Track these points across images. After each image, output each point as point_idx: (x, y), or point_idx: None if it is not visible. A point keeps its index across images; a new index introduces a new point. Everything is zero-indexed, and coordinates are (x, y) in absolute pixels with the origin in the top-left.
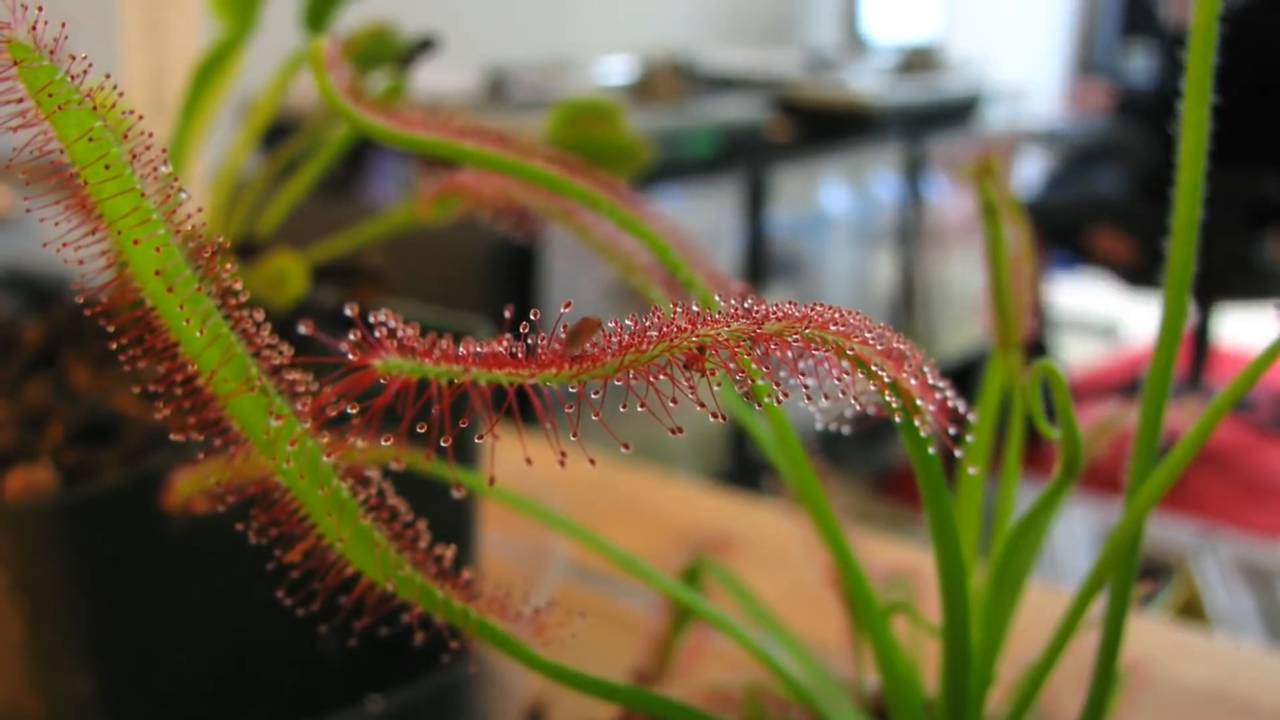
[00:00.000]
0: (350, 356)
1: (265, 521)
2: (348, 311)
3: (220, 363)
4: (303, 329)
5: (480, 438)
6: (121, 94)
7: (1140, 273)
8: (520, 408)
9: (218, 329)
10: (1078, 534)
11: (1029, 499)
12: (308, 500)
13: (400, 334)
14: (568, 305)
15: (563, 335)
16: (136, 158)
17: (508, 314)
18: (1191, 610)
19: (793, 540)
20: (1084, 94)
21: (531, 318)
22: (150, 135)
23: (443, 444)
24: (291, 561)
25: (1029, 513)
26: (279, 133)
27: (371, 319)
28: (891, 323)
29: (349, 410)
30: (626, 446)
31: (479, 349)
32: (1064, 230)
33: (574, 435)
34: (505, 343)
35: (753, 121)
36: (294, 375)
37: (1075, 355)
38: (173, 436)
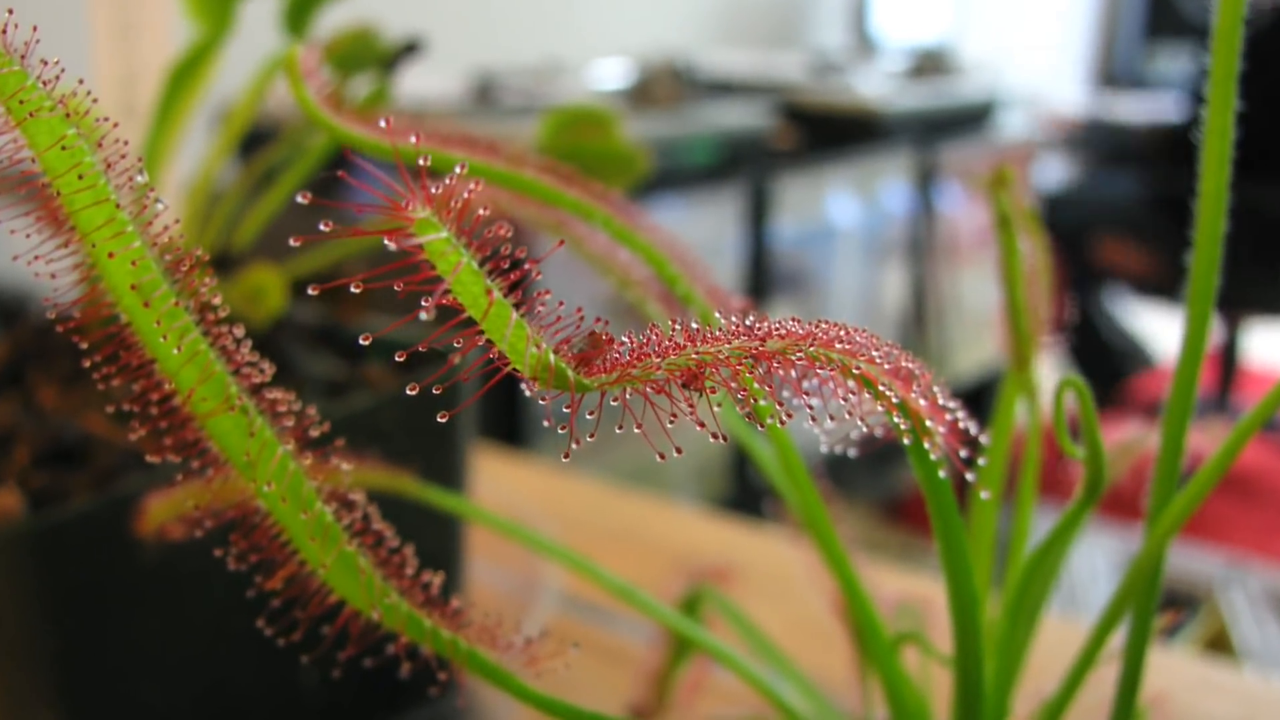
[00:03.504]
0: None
1: (244, 547)
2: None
3: (198, 381)
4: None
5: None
6: (95, 100)
7: (1155, 284)
8: (511, 429)
9: (196, 346)
10: (1097, 562)
11: (1045, 525)
12: (289, 525)
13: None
14: (579, 311)
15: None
16: (111, 167)
17: None
18: (1218, 644)
19: (797, 569)
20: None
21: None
22: (125, 143)
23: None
24: (272, 589)
25: (1046, 539)
26: (256, 140)
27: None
28: (901, 340)
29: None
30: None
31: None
32: (1068, 239)
33: (565, 457)
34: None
35: (755, 128)
36: (275, 394)
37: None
38: (147, 458)
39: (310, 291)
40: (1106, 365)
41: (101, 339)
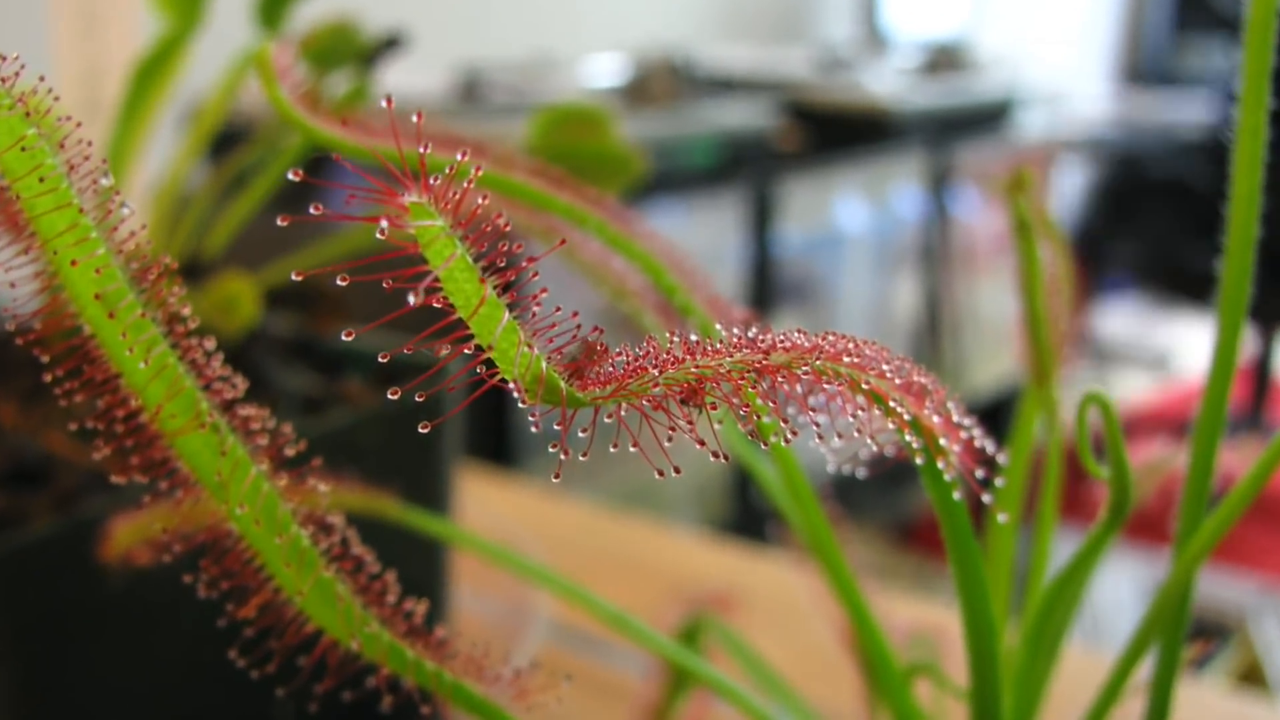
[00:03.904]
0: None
1: (215, 573)
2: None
3: (166, 396)
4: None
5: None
6: (57, 98)
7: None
8: (499, 448)
9: (164, 359)
10: (1121, 589)
11: (1067, 550)
12: (263, 549)
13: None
14: (574, 315)
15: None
16: (74, 169)
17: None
18: (1251, 677)
19: (802, 596)
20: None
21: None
22: (89, 144)
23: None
24: (245, 618)
25: (1068, 565)
26: (228, 140)
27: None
28: (913, 354)
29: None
30: None
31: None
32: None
33: (556, 477)
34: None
35: (758, 128)
36: (248, 410)
37: (1120, 389)
38: (112, 479)
39: (294, 277)
40: None
41: (64, 352)
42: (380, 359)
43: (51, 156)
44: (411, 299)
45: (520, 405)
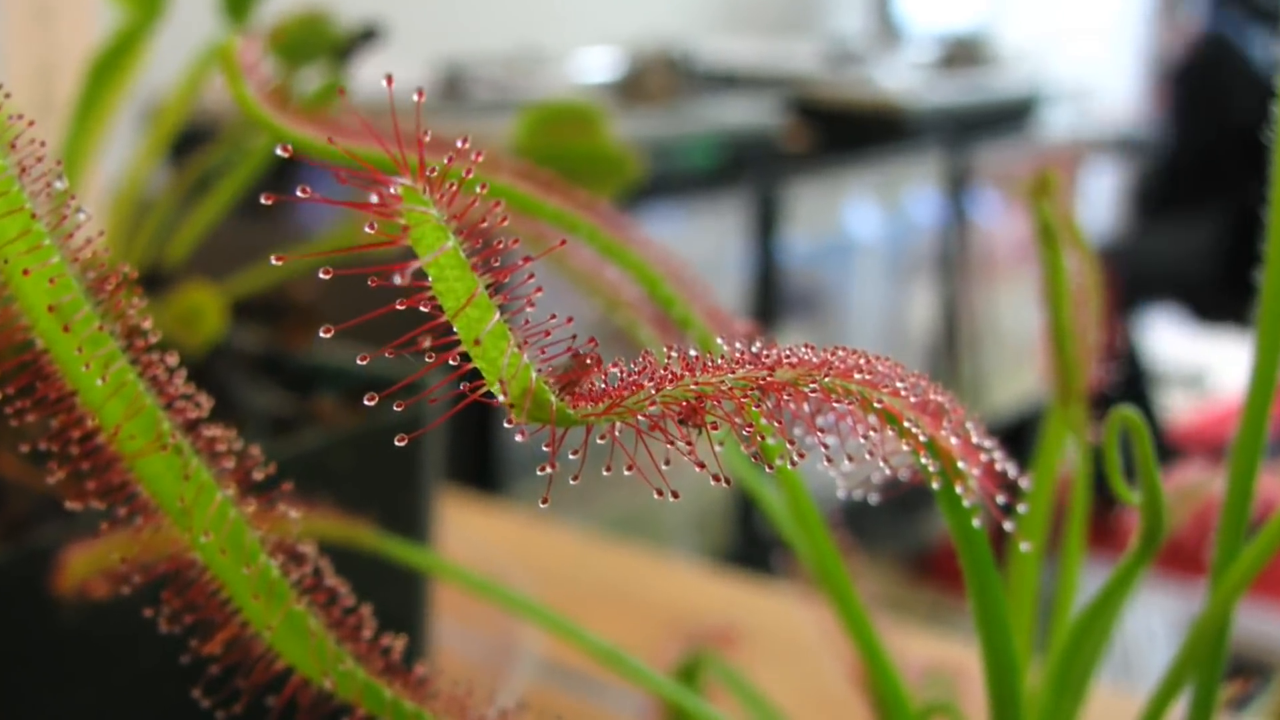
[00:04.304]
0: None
1: (178, 606)
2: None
3: (125, 416)
4: None
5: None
6: (8, 95)
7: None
8: (483, 471)
9: (122, 376)
10: (1154, 624)
11: (1095, 582)
12: (230, 581)
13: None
14: (569, 321)
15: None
16: (26, 171)
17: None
18: None
19: (810, 632)
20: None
21: None
22: (42, 144)
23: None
24: (210, 654)
25: (1096, 598)
26: (191, 141)
27: None
28: (930, 370)
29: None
30: None
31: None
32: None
33: (544, 502)
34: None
35: (762, 127)
36: (213, 431)
37: (1153, 408)
38: (66, 504)
39: (274, 261)
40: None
41: (14, 368)
42: (359, 360)
43: (1, 158)
44: (398, 279)
45: (506, 424)
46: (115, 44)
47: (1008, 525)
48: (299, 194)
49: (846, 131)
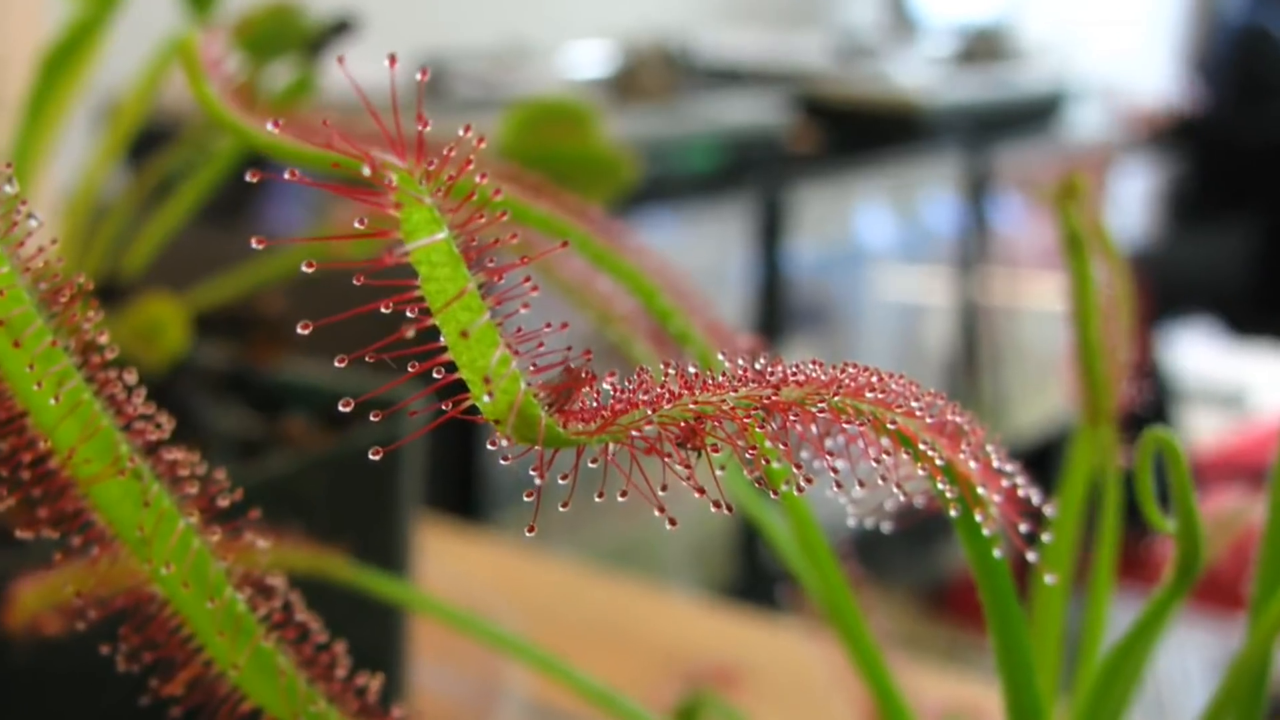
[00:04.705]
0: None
1: (138, 644)
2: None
3: (81, 438)
4: None
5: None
6: None
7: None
8: (466, 498)
9: (77, 395)
10: (1189, 663)
11: (1126, 617)
12: (193, 616)
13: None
14: (565, 326)
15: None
16: None
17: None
18: None
19: (818, 671)
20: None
21: None
22: None
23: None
24: (172, 695)
25: (1127, 635)
26: (150, 142)
27: None
28: (947, 389)
29: None
30: None
31: None
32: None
33: (530, 531)
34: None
35: (767, 127)
36: (175, 454)
37: (1189, 429)
38: (17, 533)
39: (255, 245)
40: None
41: None
42: (337, 361)
43: None
44: (393, 248)
45: (490, 446)
46: (69, 37)
47: (1031, 556)
48: (287, 176)
49: (857, 131)
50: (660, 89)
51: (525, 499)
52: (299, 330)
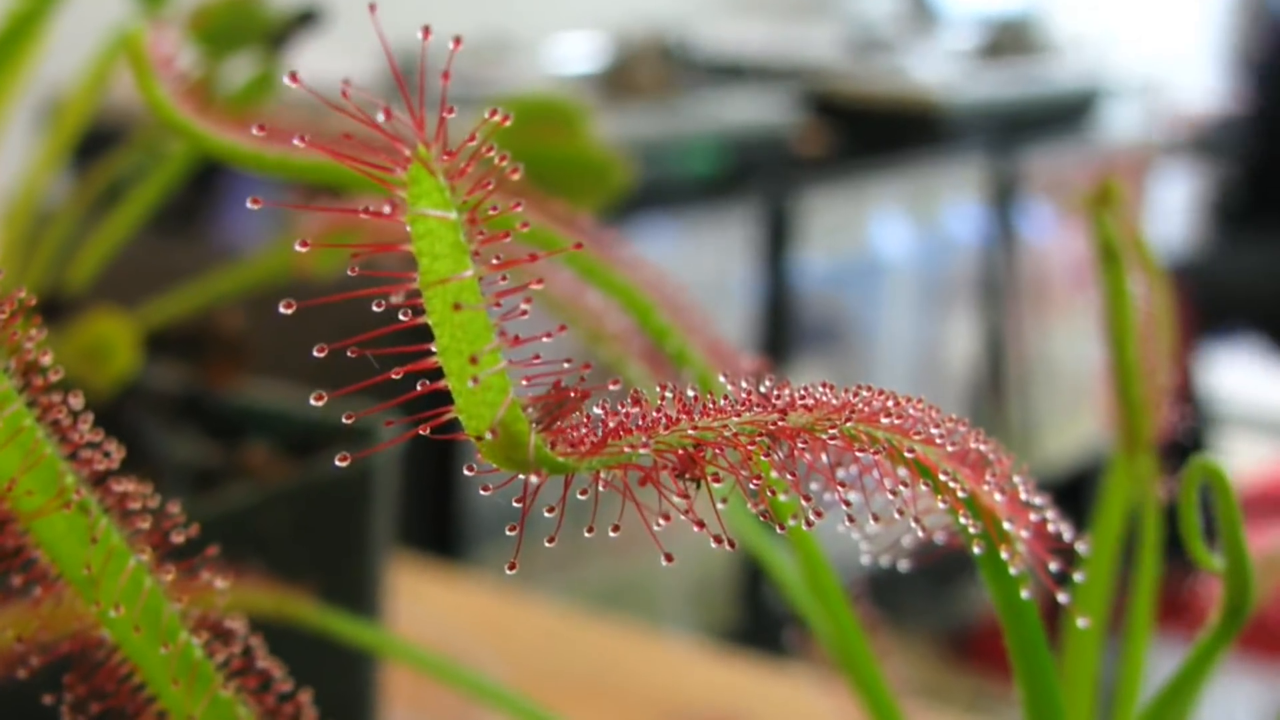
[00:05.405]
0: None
1: (84, 693)
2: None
3: (22, 468)
4: None
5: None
6: None
7: None
8: (443, 535)
9: (18, 421)
10: (1237, 713)
11: (1167, 664)
12: (144, 663)
13: None
14: (562, 328)
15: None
16: None
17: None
18: None
19: None
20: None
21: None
22: None
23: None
24: None
25: (1169, 684)
26: (97, 143)
27: None
28: (971, 414)
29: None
30: None
31: None
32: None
33: (511, 568)
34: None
35: (773, 127)
36: (125, 485)
37: (1237, 460)
38: None
39: (250, 206)
40: None
41: None
42: (314, 398)
43: None
44: (387, 209)
45: (467, 471)
46: (8, 28)
47: (1062, 597)
48: (296, 143)
49: (872, 132)
50: (656, 85)
51: (508, 533)
52: (283, 311)
